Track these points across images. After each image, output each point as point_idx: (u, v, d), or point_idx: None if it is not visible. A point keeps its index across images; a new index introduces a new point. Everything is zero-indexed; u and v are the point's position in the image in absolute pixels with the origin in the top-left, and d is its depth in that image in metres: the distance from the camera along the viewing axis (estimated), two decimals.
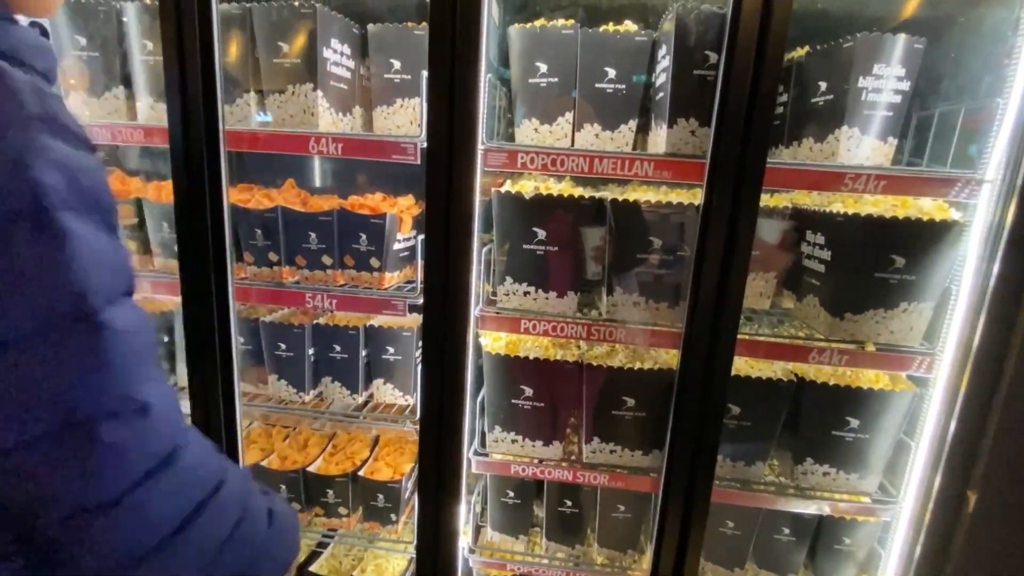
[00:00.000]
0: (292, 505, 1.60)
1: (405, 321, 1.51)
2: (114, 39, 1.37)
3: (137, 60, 1.37)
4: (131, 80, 1.39)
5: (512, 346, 1.41)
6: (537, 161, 1.22)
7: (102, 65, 1.38)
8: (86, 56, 1.37)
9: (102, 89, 1.40)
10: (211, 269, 1.31)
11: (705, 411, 1.24)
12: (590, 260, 1.32)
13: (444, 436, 1.35)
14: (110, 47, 1.37)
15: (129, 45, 1.37)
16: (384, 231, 1.35)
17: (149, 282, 1.43)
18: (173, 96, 1.22)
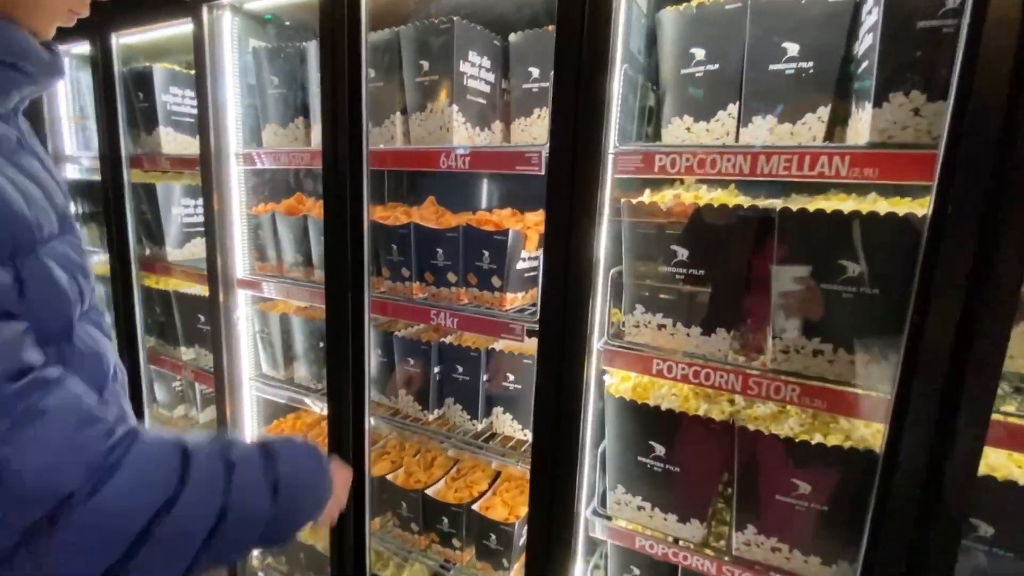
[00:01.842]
0: (411, 526, 1.57)
1: (526, 347, 1.37)
2: (298, 76, 1.56)
3: (313, 92, 1.53)
4: (308, 110, 1.57)
5: (641, 390, 1.16)
6: (680, 163, 0.99)
7: (288, 99, 1.59)
8: (278, 93, 1.59)
9: (288, 120, 1.60)
10: (349, 282, 1.38)
11: (929, 523, 0.83)
12: (750, 289, 1.01)
13: (556, 487, 1.16)
14: (295, 83, 1.56)
15: (308, 80, 1.54)
16: (506, 248, 1.25)
17: (309, 292, 1.57)
18: (326, 120, 1.32)
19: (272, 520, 0.66)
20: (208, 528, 0.58)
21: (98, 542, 0.52)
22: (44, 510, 0.49)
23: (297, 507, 0.71)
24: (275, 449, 0.70)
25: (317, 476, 0.75)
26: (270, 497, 0.65)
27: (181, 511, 0.56)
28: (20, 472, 0.49)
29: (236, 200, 1.70)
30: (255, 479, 0.65)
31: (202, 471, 0.60)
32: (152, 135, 1.92)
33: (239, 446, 0.67)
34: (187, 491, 0.57)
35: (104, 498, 0.52)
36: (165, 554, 0.56)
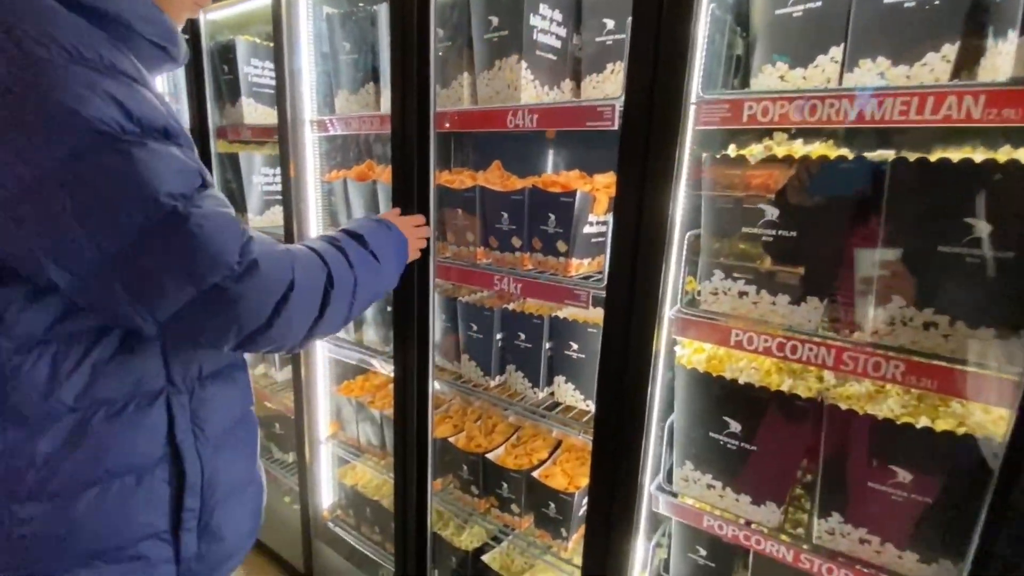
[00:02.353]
0: (471, 489, 1.59)
1: (591, 315, 1.32)
2: (368, 40, 1.56)
3: (383, 57, 1.53)
4: (378, 75, 1.57)
5: (716, 362, 1.08)
6: (773, 111, 0.89)
7: (359, 64, 1.60)
8: (349, 59, 1.60)
9: (358, 86, 1.62)
10: None
11: None
12: (851, 253, 0.90)
13: (619, 460, 1.12)
14: (365, 47, 1.57)
15: (378, 44, 1.54)
16: (573, 211, 1.19)
17: None
18: (395, 82, 1.32)
19: (380, 271, 1.03)
20: (351, 287, 0.92)
21: (307, 307, 0.82)
22: (281, 293, 0.76)
23: (390, 257, 1.09)
24: (361, 235, 1.03)
25: (392, 238, 1.12)
26: (375, 260, 1.01)
27: (336, 283, 0.88)
28: (263, 271, 0.73)
29: (311, 167, 1.75)
30: (361, 254, 0.99)
31: (332, 257, 0.90)
32: (235, 106, 2.01)
33: (339, 236, 1.00)
34: (332, 271, 0.88)
35: (302, 280, 0.80)
36: (337, 306, 0.89)
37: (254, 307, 0.73)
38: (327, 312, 0.85)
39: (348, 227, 1.05)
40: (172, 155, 0.68)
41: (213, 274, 0.68)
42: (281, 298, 0.76)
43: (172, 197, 0.66)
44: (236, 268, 0.70)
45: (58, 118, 0.59)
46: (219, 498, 0.86)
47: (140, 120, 0.65)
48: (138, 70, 0.70)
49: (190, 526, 0.82)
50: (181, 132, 0.73)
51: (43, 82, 0.59)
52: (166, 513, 0.80)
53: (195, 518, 0.83)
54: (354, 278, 0.92)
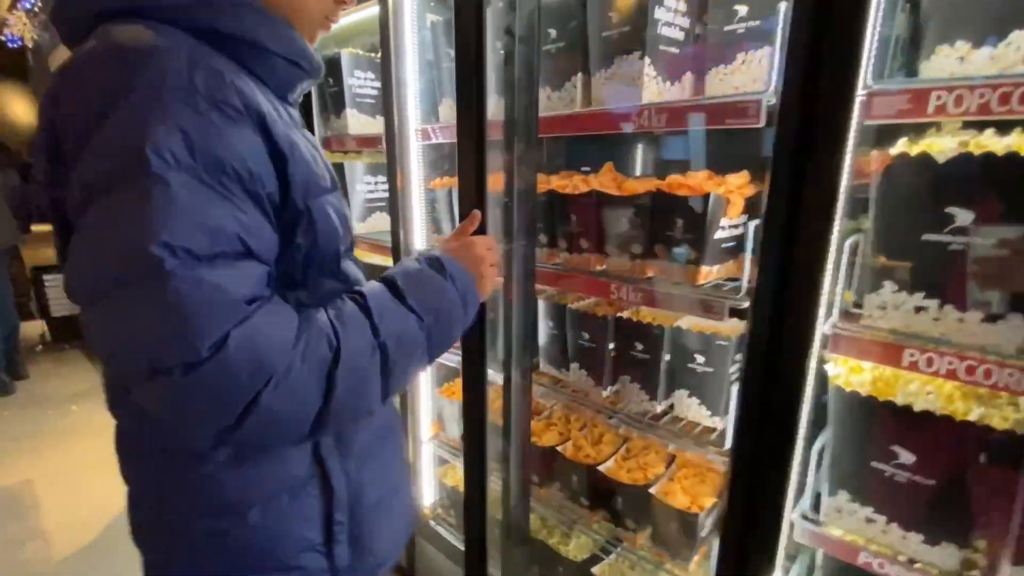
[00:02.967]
0: (580, 500, 1.56)
1: (722, 327, 1.24)
2: None
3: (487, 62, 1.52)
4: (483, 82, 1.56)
5: (884, 385, 0.97)
6: (970, 100, 0.77)
7: None
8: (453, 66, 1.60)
9: None
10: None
11: None
12: None
13: (761, 486, 1.03)
14: None
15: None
16: (706, 215, 1.11)
17: None
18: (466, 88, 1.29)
19: (430, 337, 0.81)
20: (377, 363, 0.73)
21: (298, 404, 0.67)
22: (251, 394, 0.62)
23: (444, 311, 0.84)
24: (394, 280, 0.81)
25: (444, 286, 0.85)
26: (418, 322, 0.79)
27: (343, 364, 0.69)
28: (232, 365, 0.60)
29: (416, 175, 1.78)
30: (396, 316, 0.77)
31: (352, 332, 0.72)
32: (340, 118, 2.08)
33: (371, 293, 0.78)
34: (342, 349, 0.69)
35: (288, 373, 0.64)
36: (353, 391, 0.71)
37: (212, 404, 0.61)
38: (335, 401, 0.68)
39: (387, 272, 0.84)
40: (209, 207, 0.60)
41: (167, 354, 0.58)
42: (252, 400, 0.61)
43: (168, 249, 0.57)
44: (200, 354, 0.58)
45: (119, 139, 0.59)
46: (366, 510, 0.87)
47: (199, 152, 0.60)
48: (252, 97, 0.66)
49: (341, 539, 0.84)
50: (264, 178, 0.66)
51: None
52: (319, 527, 0.82)
53: (345, 531, 0.85)
54: (379, 351, 0.72)
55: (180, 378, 0.58)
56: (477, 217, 1.13)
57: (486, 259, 0.97)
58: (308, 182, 0.72)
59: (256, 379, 0.61)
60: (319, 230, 0.74)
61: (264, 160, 0.66)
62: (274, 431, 0.67)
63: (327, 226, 0.76)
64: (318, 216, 0.74)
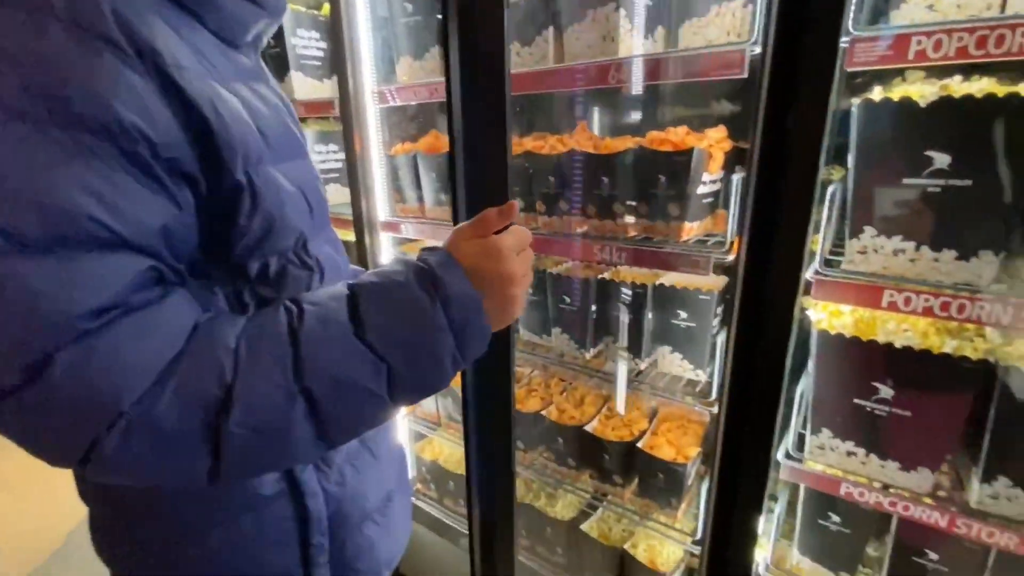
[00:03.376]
0: (567, 461, 1.58)
1: (703, 282, 1.26)
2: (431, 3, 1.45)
3: None
4: None
5: (865, 326, 1.02)
6: (948, 45, 0.79)
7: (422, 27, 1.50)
8: (411, 21, 1.50)
9: (423, 51, 1.52)
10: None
11: None
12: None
13: (747, 430, 1.08)
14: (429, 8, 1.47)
15: None
16: (689, 170, 1.11)
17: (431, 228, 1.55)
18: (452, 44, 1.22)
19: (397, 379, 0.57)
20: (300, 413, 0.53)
21: (167, 450, 0.50)
22: (88, 436, 0.47)
23: (418, 354, 0.57)
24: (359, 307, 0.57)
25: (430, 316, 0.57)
26: (377, 365, 0.55)
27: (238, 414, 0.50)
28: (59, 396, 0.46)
29: (374, 141, 1.68)
30: (344, 354, 0.54)
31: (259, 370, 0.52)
32: (284, 81, 1.92)
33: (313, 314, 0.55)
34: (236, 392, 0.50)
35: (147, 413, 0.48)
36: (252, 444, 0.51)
37: (46, 437, 0.47)
38: (232, 455, 0.50)
39: (360, 281, 0.60)
40: (51, 164, 0.45)
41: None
42: (93, 440, 0.46)
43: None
44: (9, 380, 0.44)
45: None
46: (352, 528, 0.76)
47: (41, 91, 0.45)
48: (147, 35, 0.50)
49: (321, 562, 0.73)
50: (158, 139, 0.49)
51: None
52: (296, 551, 0.71)
53: (325, 554, 0.73)
54: (304, 400, 0.52)
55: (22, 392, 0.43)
56: (514, 210, 0.67)
57: (517, 277, 0.64)
58: (247, 146, 0.56)
59: (90, 418, 0.46)
60: (268, 208, 0.58)
61: (163, 116, 0.49)
62: (143, 479, 0.51)
63: (280, 202, 0.60)
64: (265, 190, 0.58)
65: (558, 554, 1.69)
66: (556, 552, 1.69)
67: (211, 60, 0.58)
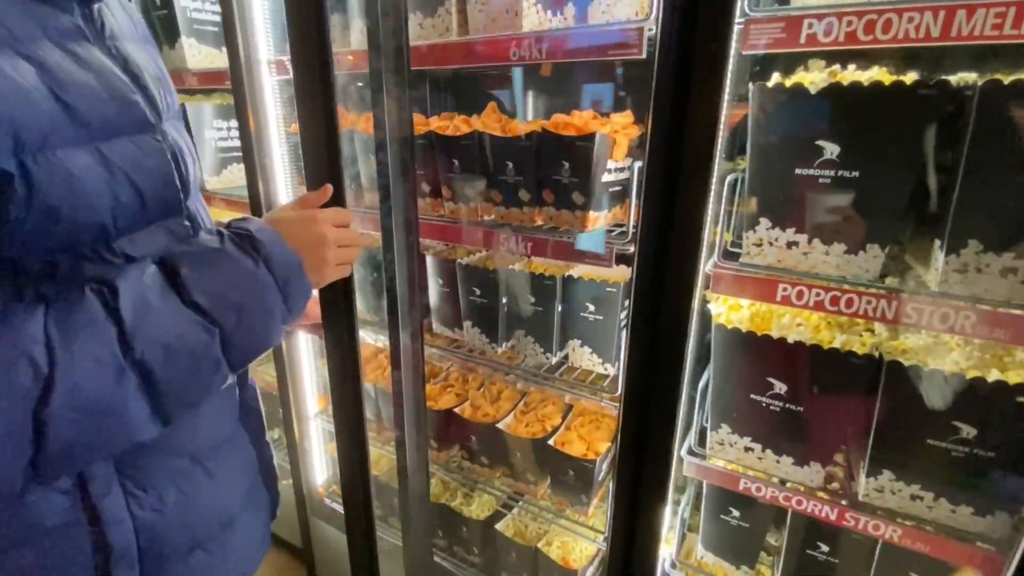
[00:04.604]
0: (481, 459, 1.52)
1: (610, 274, 1.22)
2: None
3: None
4: (346, 4, 1.35)
5: (760, 320, 1.00)
6: (838, 29, 0.76)
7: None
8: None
9: None
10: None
11: None
12: (921, 191, 0.81)
13: (651, 426, 1.04)
14: None
15: None
16: (592, 156, 1.05)
17: (360, 217, 1.43)
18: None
19: (229, 339, 0.59)
20: (130, 388, 0.53)
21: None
22: None
23: (251, 312, 0.61)
24: (178, 268, 0.58)
25: (256, 277, 0.62)
26: (207, 328, 0.57)
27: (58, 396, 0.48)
28: None
29: (272, 116, 1.53)
30: (174, 322, 0.55)
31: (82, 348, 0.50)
32: (175, 48, 1.73)
33: (134, 283, 0.55)
34: (57, 375, 0.49)
35: None
36: (72, 432, 0.50)
37: None
38: (56, 443, 0.48)
39: (172, 253, 0.60)
40: None
41: None
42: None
43: None
44: None
45: None
46: (174, 559, 0.66)
47: None
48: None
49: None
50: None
51: None
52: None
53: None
54: (137, 372, 0.53)
55: None
56: (328, 191, 0.84)
57: (329, 240, 0.73)
58: (18, 127, 0.48)
59: None
60: (51, 201, 0.51)
61: None
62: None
63: (72, 192, 0.52)
64: (45, 179, 0.50)
65: (474, 554, 1.63)
66: (473, 552, 1.63)
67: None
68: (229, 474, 0.73)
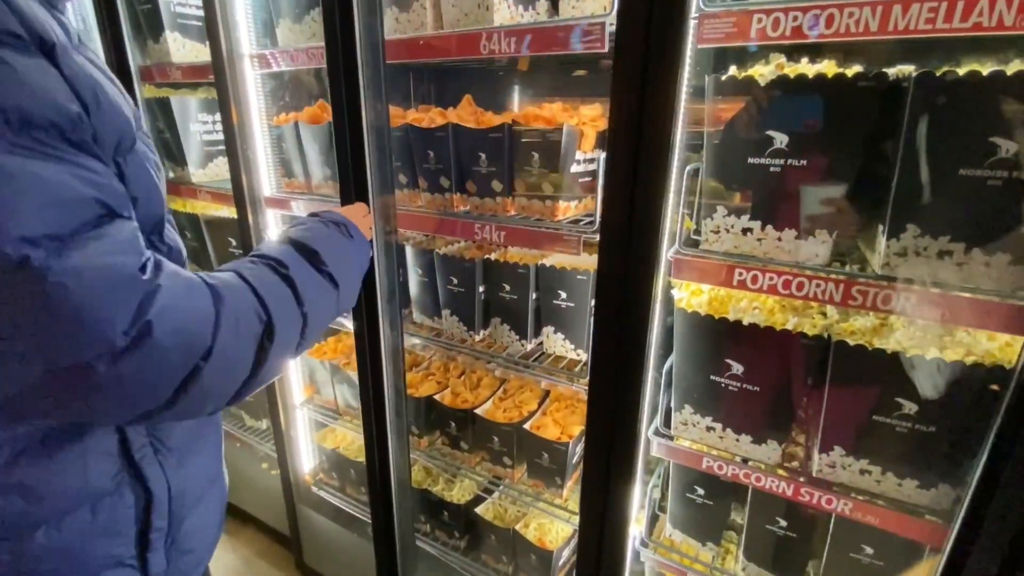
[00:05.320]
0: (460, 444, 1.56)
1: (580, 262, 1.25)
2: None
3: None
4: None
5: (719, 304, 1.04)
6: (785, 24, 0.79)
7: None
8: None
9: (303, 13, 1.42)
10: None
11: None
12: (863, 179, 0.85)
13: (618, 408, 1.08)
14: None
15: None
16: (560, 148, 1.09)
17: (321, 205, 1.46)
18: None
19: (339, 298, 0.86)
20: (299, 333, 0.76)
21: (230, 374, 0.65)
22: (189, 368, 0.59)
23: (352, 276, 0.92)
24: (312, 246, 0.83)
25: (354, 246, 0.94)
26: (332, 288, 0.84)
27: (277, 334, 0.70)
28: (161, 342, 0.55)
29: (255, 109, 1.56)
30: (315, 284, 0.81)
31: (276, 300, 0.72)
32: (159, 42, 1.75)
33: (287, 260, 0.78)
34: (274, 319, 0.70)
35: (223, 346, 0.62)
36: (276, 360, 0.71)
37: (146, 387, 0.56)
38: (262, 371, 0.68)
39: (299, 235, 0.85)
40: (45, 176, 0.49)
41: (77, 352, 0.51)
42: (190, 373, 0.59)
43: (29, 243, 0.48)
44: (118, 343, 0.52)
45: None
46: (187, 510, 0.77)
47: (8, 113, 0.47)
48: (31, 14, 0.52)
49: (158, 546, 0.73)
50: (90, 126, 0.54)
51: None
52: (131, 538, 0.70)
53: (163, 537, 0.74)
54: (303, 320, 0.75)
55: (106, 370, 0.52)
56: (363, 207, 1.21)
57: (367, 221, 1.12)
58: (119, 128, 0.59)
59: (190, 357, 0.59)
60: (137, 192, 0.62)
61: (69, 97, 0.53)
62: (198, 405, 0.63)
63: (147, 185, 0.65)
64: (135, 173, 0.62)
65: (456, 538, 1.67)
66: (454, 536, 1.68)
67: (62, 28, 0.58)
68: (216, 442, 0.85)
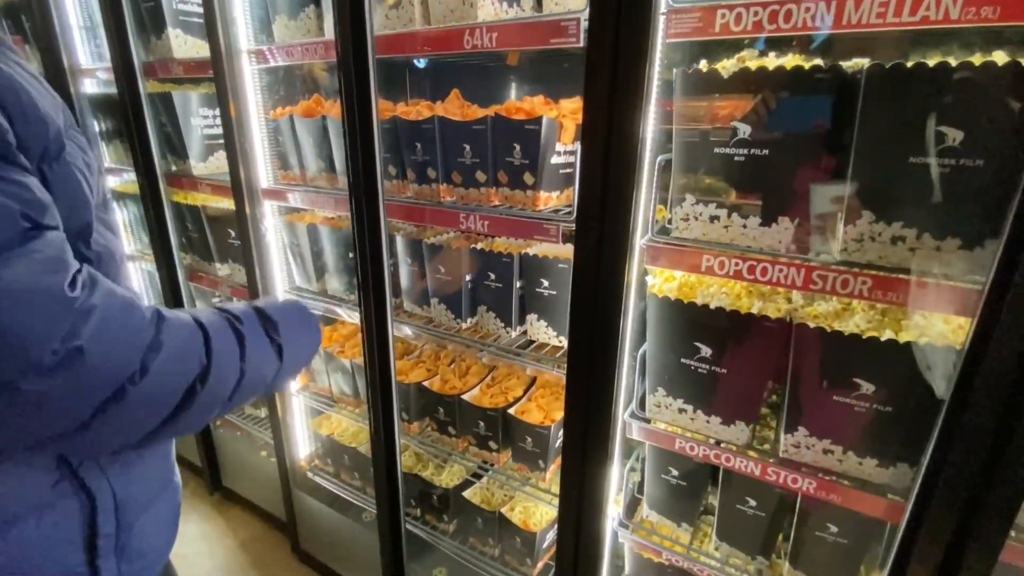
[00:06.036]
0: (448, 430, 1.60)
1: (561, 251, 1.29)
2: None
3: None
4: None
5: (688, 289, 1.08)
6: (746, 19, 0.83)
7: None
8: None
9: (298, 9, 1.46)
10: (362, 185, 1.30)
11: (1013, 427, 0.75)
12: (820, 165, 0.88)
13: (594, 391, 1.13)
14: None
15: None
16: (540, 139, 1.13)
17: (334, 200, 1.51)
18: None
19: (278, 373, 0.80)
20: (231, 388, 0.72)
21: (153, 407, 0.63)
22: (112, 389, 0.57)
23: (297, 360, 0.85)
24: (273, 316, 0.80)
25: (309, 331, 0.88)
26: (277, 358, 0.79)
27: (211, 380, 0.67)
28: (90, 362, 0.55)
29: (252, 103, 1.61)
30: (263, 348, 0.77)
31: (222, 347, 0.70)
32: (162, 39, 1.81)
33: (244, 318, 0.76)
34: (213, 365, 0.67)
35: (156, 374, 0.61)
36: (200, 410, 0.68)
37: (67, 406, 0.55)
38: (183, 415, 0.65)
39: (265, 304, 0.82)
40: None
41: (1, 371, 0.51)
42: (114, 394, 0.57)
43: None
44: (45, 362, 0.52)
45: None
46: (135, 516, 0.77)
47: None
48: None
49: (107, 553, 0.73)
50: (15, 137, 0.54)
51: None
52: (80, 546, 0.69)
53: (112, 542, 0.73)
54: (239, 375, 0.72)
55: (29, 388, 0.52)
56: None
57: None
58: (45, 136, 0.58)
59: (116, 378, 0.58)
60: (63, 200, 0.60)
61: None
62: (108, 436, 0.61)
63: (73, 192, 0.63)
64: (62, 180, 0.61)
65: (444, 521, 1.72)
66: (443, 520, 1.72)
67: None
68: (164, 447, 0.84)
